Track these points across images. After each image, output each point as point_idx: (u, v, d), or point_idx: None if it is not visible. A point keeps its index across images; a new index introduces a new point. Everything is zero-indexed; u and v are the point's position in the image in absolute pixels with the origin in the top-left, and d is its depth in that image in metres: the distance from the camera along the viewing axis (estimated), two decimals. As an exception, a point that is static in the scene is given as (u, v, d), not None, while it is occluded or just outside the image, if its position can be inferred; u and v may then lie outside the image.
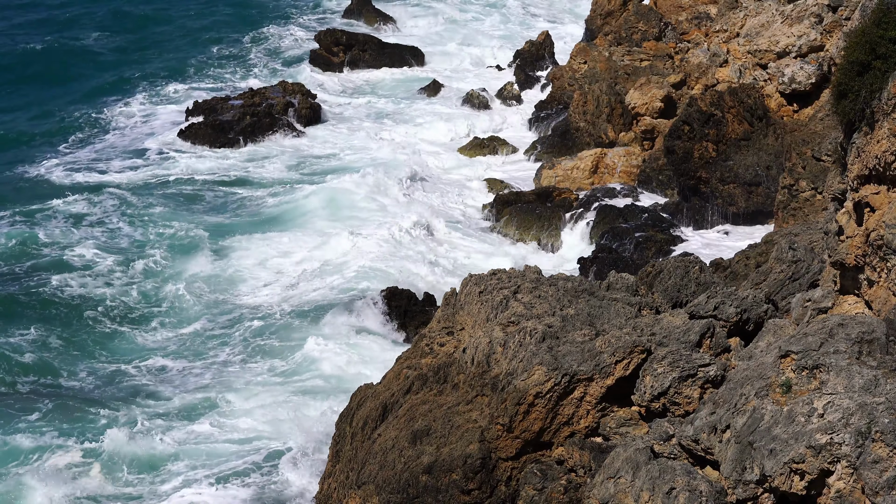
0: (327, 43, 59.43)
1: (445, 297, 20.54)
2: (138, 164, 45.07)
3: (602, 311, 18.16)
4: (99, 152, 46.46)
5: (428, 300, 30.59)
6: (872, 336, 13.33)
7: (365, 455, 18.35)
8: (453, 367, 18.50)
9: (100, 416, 25.80)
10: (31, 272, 34.06)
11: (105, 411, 25.97)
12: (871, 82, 14.83)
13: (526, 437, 16.51)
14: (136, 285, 33.16)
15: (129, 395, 26.98)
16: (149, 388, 27.38)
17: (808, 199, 32.63)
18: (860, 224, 15.42)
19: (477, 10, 73.58)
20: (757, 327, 17.52)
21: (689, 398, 15.85)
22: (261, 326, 30.40)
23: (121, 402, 26.59)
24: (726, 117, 37.53)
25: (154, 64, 60.40)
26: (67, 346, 29.50)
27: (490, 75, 57.75)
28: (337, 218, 38.73)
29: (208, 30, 68.06)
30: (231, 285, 33.64)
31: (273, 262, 35.11)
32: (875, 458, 12.02)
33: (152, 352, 29.47)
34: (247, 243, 36.33)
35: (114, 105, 52.93)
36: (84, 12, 70.75)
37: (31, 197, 40.58)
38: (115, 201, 40.17)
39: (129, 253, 35.42)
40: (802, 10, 40.66)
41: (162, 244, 35.95)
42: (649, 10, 50.03)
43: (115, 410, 26.04)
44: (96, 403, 26.39)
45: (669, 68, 44.08)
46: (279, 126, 47.31)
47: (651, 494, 13.47)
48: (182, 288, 32.83)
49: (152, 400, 26.77)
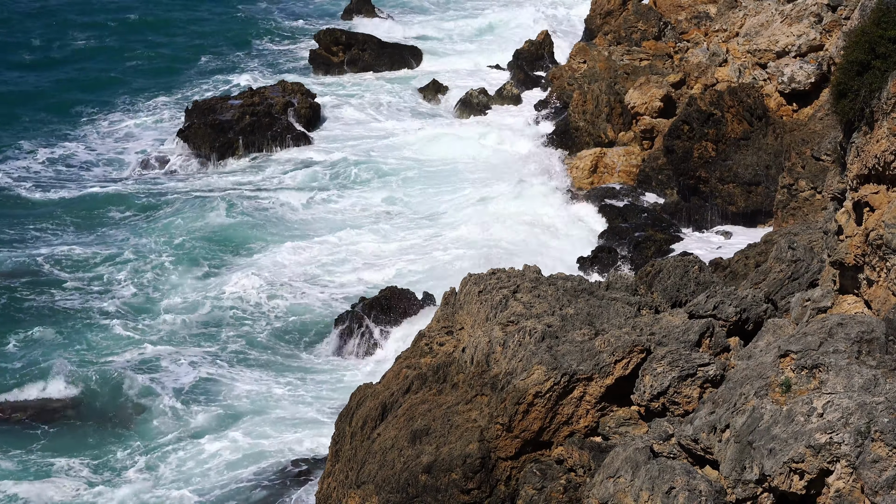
0: (327, 42, 59.41)
1: (445, 296, 20.54)
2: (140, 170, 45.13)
3: (601, 310, 18.16)
4: (99, 157, 46.44)
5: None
6: (872, 336, 13.33)
7: (364, 454, 18.35)
8: (453, 367, 18.50)
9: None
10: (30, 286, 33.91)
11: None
12: (871, 82, 14.83)
13: (525, 437, 16.50)
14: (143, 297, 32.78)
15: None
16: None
17: (807, 199, 32.65)
18: (860, 223, 15.42)
19: (477, 10, 73.59)
20: (756, 327, 17.52)
21: (688, 398, 15.84)
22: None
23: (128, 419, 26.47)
24: (726, 117, 37.54)
25: (155, 64, 60.42)
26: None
27: (490, 75, 57.71)
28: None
29: (208, 28, 68.07)
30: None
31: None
32: (874, 458, 12.02)
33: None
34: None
35: (113, 105, 53.02)
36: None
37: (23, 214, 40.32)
38: (119, 213, 40.10)
39: (132, 262, 35.15)
40: (802, 9, 40.66)
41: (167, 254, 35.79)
42: (649, 9, 50.04)
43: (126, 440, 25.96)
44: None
45: (669, 68, 44.07)
46: (279, 126, 47.30)
47: (650, 494, 13.47)
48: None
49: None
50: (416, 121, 50.31)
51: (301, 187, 42.44)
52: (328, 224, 38.65)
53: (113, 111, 52.21)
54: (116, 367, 28.33)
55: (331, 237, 37.23)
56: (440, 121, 50.13)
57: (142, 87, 55.91)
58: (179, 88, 56.10)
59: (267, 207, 40.36)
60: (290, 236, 37.56)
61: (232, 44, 64.69)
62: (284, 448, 24.60)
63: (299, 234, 37.83)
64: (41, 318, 31.15)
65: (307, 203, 40.62)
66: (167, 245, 36.58)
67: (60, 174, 44.02)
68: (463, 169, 43.69)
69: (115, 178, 43.83)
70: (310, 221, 38.98)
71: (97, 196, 41.66)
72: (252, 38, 66.24)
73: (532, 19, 67.80)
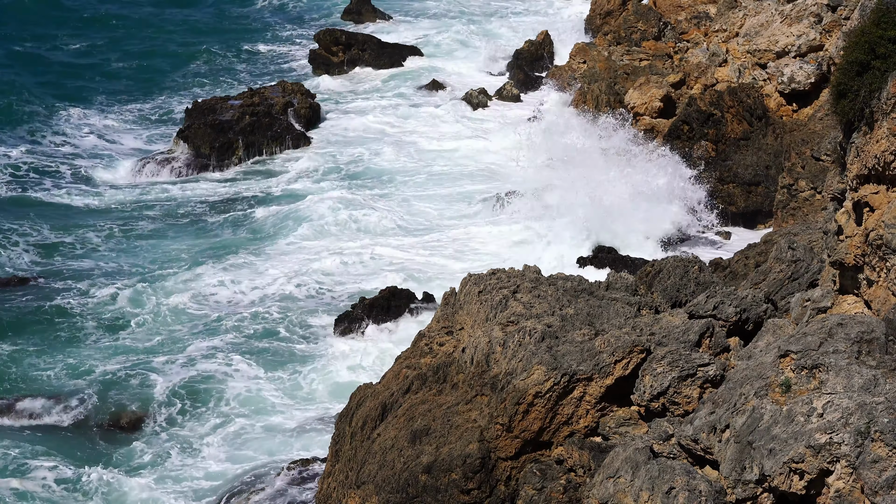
0: (326, 42, 59.39)
1: (445, 296, 20.54)
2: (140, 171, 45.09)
3: (601, 310, 18.17)
4: (100, 160, 46.45)
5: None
6: (872, 336, 13.34)
7: (364, 455, 18.35)
8: (453, 367, 18.50)
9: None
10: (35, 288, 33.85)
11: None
12: (871, 82, 14.84)
13: (525, 437, 16.51)
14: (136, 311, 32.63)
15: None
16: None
17: (807, 199, 32.66)
18: (859, 224, 15.43)
19: (477, 9, 73.56)
20: (756, 327, 17.53)
21: (688, 398, 15.85)
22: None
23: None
24: (725, 117, 37.55)
25: (155, 64, 60.39)
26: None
27: (490, 75, 57.68)
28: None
29: (208, 28, 68.05)
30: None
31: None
32: (874, 458, 12.03)
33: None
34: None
35: (114, 105, 53.02)
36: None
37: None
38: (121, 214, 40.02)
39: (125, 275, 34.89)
40: (802, 9, 40.66)
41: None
42: (648, 9, 50.05)
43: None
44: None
45: (669, 68, 44.08)
46: (279, 126, 47.31)
47: (650, 494, 13.47)
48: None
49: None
50: (417, 121, 50.30)
51: (300, 187, 42.40)
52: (328, 224, 38.59)
53: (112, 111, 52.15)
54: (111, 368, 28.31)
55: (330, 237, 37.20)
56: (440, 120, 50.09)
57: (142, 87, 55.85)
58: (179, 88, 56.07)
59: (266, 208, 40.35)
60: (290, 236, 37.53)
61: (232, 44, 64.65)
62: (284, 448, 24.58)
63: (299, 233, 37.79)
64: (33, 318, 31.01)
65: (307, 203, 40.57)
66: (166, 245, 36.56)
67: (60, 174, 43.96)
68: (464, 169, 43.69)
69: (115, 177, 43.78)
70: (309, 222, 38.92)
71: (97, 197, 41.63)
72: (252, 37, 66.20)
73: (533, 20, 67.85)
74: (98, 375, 27.98)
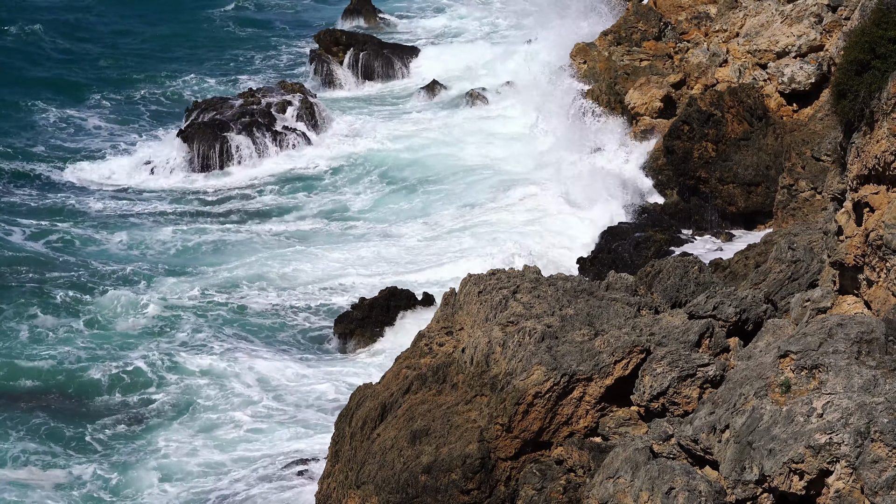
0: (327, 43, 59.35)
1: (444, 297, 20.55)
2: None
3: (601, 310, 18.16)
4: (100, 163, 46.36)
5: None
6: (872, 336, 13.33)
7: (364, 455, 18.35)
8: (452, 367, 18.50)
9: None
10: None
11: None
12: (871, 82, 14.83)
13: (525, 437, 16.50)
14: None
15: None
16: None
17: (807, 199, 32.63)
18: (859, 224, 15.42)
19: (476, 9, 73.54)
20: (756, 327, 17.52)
21: (688, 398, 15.85)
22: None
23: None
24: (726, 117, 37.51)
25: (155, 63, 60.38)
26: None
27: (490, 75, 57.63)
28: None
29: (207, 28, 68.03)
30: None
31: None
32: (874, 458, 12.02)
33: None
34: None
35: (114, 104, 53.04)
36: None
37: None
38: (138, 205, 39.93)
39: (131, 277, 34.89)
40: (802, 9, 40.62)
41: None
42: (649, 9, 49.95)
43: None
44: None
45: (669, 68, 44.03)
46: (279, 126, 47.31)
47: (650, 494, 13.47)
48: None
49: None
50: (416, 120, 50.30)
51: (300, 188, 42.40)
52: (328, 224, 38.61)
53: (112, 110, 52.17)
54: (110, 366, 28.31)
55: (330, 237, 37.21)
56: (440, 121, 50.09)
57: (141, 87, 55.82)
58: (179, 88, 56.04)
59: (266, 208, 40.36)
60: (289, 236, 37.54)
61: (231, 44, 64.64)
62: (283, 448, 24.57)
63: (298, 233, 37.81)
64: (27, 314, 30.99)
65: (306, 203, 40.58)
66: (165, 246, 36.55)
67: (61, 174, 43.95)
68: (465, 169, 43.70)
69: (115, 178, 43.75)
70: (308, 222, 38.94)
71: (97, 197, 41.62)
72: (252, 37, 66.17)
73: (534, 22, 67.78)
74: (93, 372, 28.04)
